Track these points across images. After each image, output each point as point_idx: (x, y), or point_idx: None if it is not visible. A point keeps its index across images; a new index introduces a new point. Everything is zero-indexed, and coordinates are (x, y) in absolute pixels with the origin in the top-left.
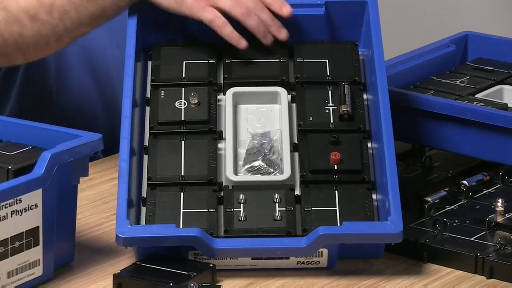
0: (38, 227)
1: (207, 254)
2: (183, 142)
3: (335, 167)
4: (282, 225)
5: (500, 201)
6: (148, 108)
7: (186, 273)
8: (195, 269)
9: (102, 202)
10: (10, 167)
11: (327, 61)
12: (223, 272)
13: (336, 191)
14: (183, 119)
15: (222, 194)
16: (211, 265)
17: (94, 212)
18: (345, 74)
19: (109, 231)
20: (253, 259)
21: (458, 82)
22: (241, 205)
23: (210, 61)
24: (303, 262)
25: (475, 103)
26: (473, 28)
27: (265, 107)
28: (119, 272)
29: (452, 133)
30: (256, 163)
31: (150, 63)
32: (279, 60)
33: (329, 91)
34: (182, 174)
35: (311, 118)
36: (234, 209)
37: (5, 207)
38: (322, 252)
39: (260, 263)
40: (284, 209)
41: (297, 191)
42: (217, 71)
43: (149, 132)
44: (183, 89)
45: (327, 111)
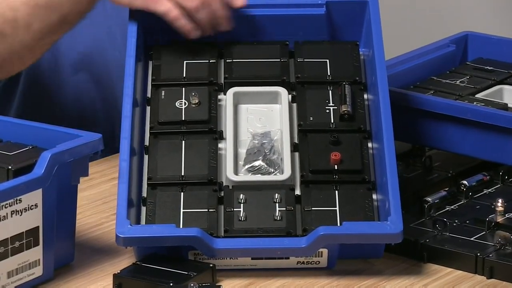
0: (38, 227)
1: (207, 254)
2: (183, 142)
3: (335, 167)
4: (282, 225)
5: (500, 201)
6: (148, 108)
7: (186, 273)
8: (195, 269)
9: (102, 202)
10: (10, 167)
11: (327, 61)
12: (223, 272)
13: (336, 191)
14: (183, 119)
15: (222, 194)
16: (211, 265)
17: (94, 212)
18: (345, 74)
19: (109, 231)
20: (253, 259)
21: (458, 82)
22: (241, 205)
23: (211, 61)
24: (303, 262)
25: (475, 103)
26: (473, 28)
27: (265, 107)
28: (119, 272)
29: (452, 133)
30: (257, 163)
31: (150, 62)
32: (279, 60)
33: (330, 91)
34: (183, 174)
35: (311, 118)
36: (234, 209)
37: (5, 207)
38: (322, 252)
39: (260, 263)
40: (284, 209)
41: (297, 191)
42: (217, 71)
43: (150, 132)
44: (183, 89)
45: (327, 111)
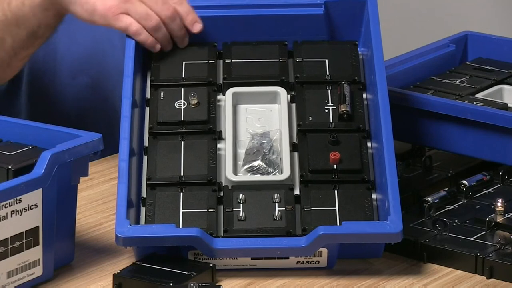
0: (38, 227)
1: (207, 254)
2: (182, 142)
3: (335, 167)
4: (282, 225)
5: (500, 201)
6: (147, 109)
7: (186, 273)
8: (195, 269)
9: (102, 202)
10: (10, 167)
11: (326, 60)
12: (223, 272)
13: (336, 191)
14: (182, 119)
15: (222, 194)
16: (211, 265)
17: (94, 212)
18: (344, 73)
19: (109, 231)
20: (252, 259)
21: (458, 82)
22: (241, 205)
23: (210, 61)
24: (303, 262)
25: (475, 103)
26: (473, 28)
27: (264, 107)
28: (119, 272)
29: (452, 133)
30: (256, 163)
31: (149, 63)
32: (278, 60)
33: (329, 91)
34: (182, 174)
35: (310, 118)
36: (234, 209)
37: (5, 207)
38: (321, 252)
39: (260, 263)
40: (284, 209)
41: (297, 191)
42: (216, 71)
43: (149, 133)
44: (182, 89)
45: (326, 111)
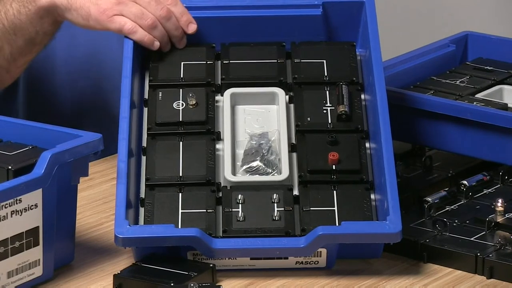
0: (38, 227)
1: (206, 254)
2: (181, 143)
3: (333, 167)
4: (281, 225)
5: (500, 201)
6: (146, 109)
7: (186, 273)
8: (195, 269)
9: (102, 202)
10: (10, 167)
11: (324, 61)
12: (223, 272)
13: (335, 191)
14: (181, 120)
15: (221, 195)
16: (211, 265)
17: (94, 212)
18: (342, 74)
19: (109, 231)
20: (252, 259)
21: (458, 82)
22: (240, 205)
23: (208, 62)
24: (302, 262)
25: (475, 103)
26: (473, 28)
27: (263, 107)
28: (119, 272)
29: (452, 133)
30: (254, 163)
31: (148, 64)
32: (276, 61)
33: (327, 92)
34: (180, 175)
35: (309, 119)
36: (233, 210)
37: (5, 207)
38: (321, 252)
39: (259, 263)
40: (283, 209)
41: (296, 191)
42: (215, 72)
43: (147, 133)
44: (181, 90)
45: (325, 111)
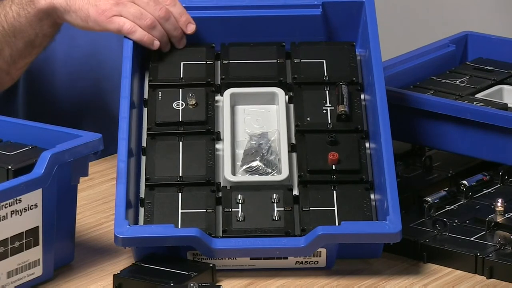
0: (38, 227)
1: (205, 254)
2: (181, 143)
3: (333, 167)
4: (281, 225)
5: (500, 201)
6: (145, 109)
7: (186, 273)
8: (195, 269)
9: (102, 202)
10: (10, 167)
11: (324, 61)
12: (223, 272)
13: (334, 191)
14: (180, 120)
15: (220, 195)
16: (211, 265)
17: (94, 212)
18: (342, 74)
19: (109, 231)
20: (251, 259)
21: (458, 82)
22: (239, 205)
23: (208, 62)
24: (302, 262)
25: (475, 103)
26: (473, 28)
27: (262, 107)
28: (119, 272)
29: (452, 133)
30: (254, 163)
31: (147, 64)
32: (276, 61)
33: (327, 92)
34: (180, 175)
35: (308, 119)
36: (233, 209)
37: (5, 207)
38: (320, 252)
39: (259, 263)
40: (283, 209)
41: (295, 191)
42: (214, 72)
43: (147, 133)
44: (180, 90)
45: (324, 111)
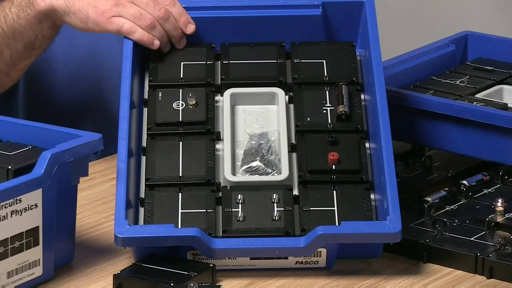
0: (38, 227)
1: (205, 254)
2: (181, 143)
3: (333, 167)
4: (281, 225)
5: (500, 201)
6: (145, 109)
7: (186, 273)
8: (195, 269)
9: (102, 202)
10: (10, 167)
11: (324, 61)
12: (223, 272)
13: (334, 191)
14: (180, 120)
15: (220, 195)
16: (211, 265)
17: (94, 212)
18: (342, 74)
19: (109, 231)
20: (251, 259)
21: (458, 82)
22: (240, 205)
23: (208, 62)
24: (302, 262)
25: (475, 103)
26: (473, 28)
27: (262, 108)
28: (119, 272)
29: (452, 133)
30: (254, 163)
31: (147, 64)
32: (276, 61)
33: (327, 92)
34: (180, 175)
35: (308, 119)
36: (233, 209)
37: (5, 207)
38: (320, 252)
39: (259, 263)
40: (283, 209)
41: (295, 191)
42: (214, 72)
43: (147, 133)
44: (180, 90)
45: (324, 111)
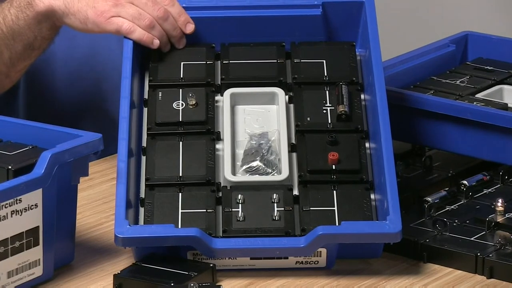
0: (38, 227)
1: (206, 254)
2: (181, 143)
3: (333, 167)
4: (281, 225)
5: (500, 201)
6: (146, 109)
7: (187, 273)
8: (195, 269)
9: (102, 202)
10: (10, 167)
11: (324, 61)
12: (223, 272)
13: (334, 191)
14: (180, 120)
15: (221, 195)
16: (211, 265)
17: (94, 212)
18: (342, 74)
19: (109, 231)
20: (252, 259)
21: (458, 82)
22: (240, 205)
23: (208, 62)
24: (302, 262)
25: (475, 103)
26: (473, 28)
27: (262, 107)
28: (119, 272)
29: (452, 133)
30: (254, 163)
31: (147, 64)
32: (276, 61)
33: (327, 92)
34: (180, 175)
35: (309, 119)
36: (233, 209)
37: (5, 207)
38: (321, 252)
39: (259, 263)
40: (283, 209)
41: (295, 191)
42: (214, 72)
43: (147, 133)
44: (180, 90)
45: (324, 111)
